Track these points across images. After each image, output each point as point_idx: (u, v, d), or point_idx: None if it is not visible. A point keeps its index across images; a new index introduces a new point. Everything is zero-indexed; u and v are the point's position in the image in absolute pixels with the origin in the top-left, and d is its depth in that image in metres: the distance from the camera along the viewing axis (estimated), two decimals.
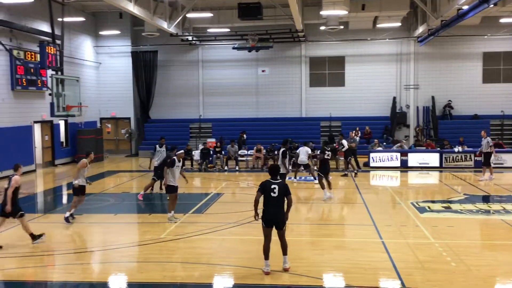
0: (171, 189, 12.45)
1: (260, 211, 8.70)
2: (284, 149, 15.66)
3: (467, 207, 13.90)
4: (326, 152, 15.84)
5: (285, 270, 8.67)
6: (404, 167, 22.32)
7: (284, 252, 8.75)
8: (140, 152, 29.19)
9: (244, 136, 26.73)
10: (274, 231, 8.65)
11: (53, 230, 12.18)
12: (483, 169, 18.93)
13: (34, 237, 10.66)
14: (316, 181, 16.65)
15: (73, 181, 12.86)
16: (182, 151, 13.29)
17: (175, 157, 12.51)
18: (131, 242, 11.03)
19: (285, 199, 8.67)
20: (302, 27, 25.40)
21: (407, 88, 29.17)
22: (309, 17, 26.44)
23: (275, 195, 8.54)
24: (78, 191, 12.71)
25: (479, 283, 8.18)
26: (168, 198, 12.87)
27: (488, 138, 18.90)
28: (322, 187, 15.41)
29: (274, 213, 8.57)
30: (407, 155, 22.68)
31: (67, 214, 12.59)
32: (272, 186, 8.57)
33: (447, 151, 22.43)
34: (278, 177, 8.81)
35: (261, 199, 8.66)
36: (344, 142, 20.32)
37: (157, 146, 16.78)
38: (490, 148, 18.58)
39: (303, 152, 18.33)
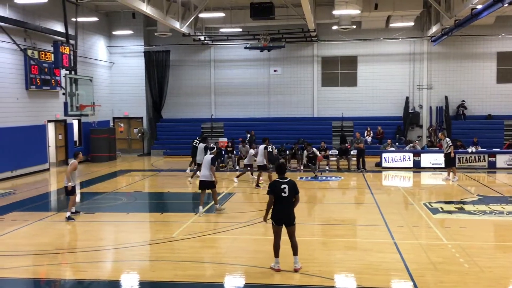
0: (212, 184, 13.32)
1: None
2: (264, 145, 17.71)
3: (481, 208, 13.78)
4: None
5: (296, 270, 8.64)
6: (417, 167, 22.18)
7: (295, 252, 8.74)
8: (152, 151, 29.34)
9: (249, 134, 26.61)
10: (284, 231, 8.66)
11: (66, 228, 12.30)
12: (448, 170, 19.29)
13: None
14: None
15: (65, 183, 13.08)
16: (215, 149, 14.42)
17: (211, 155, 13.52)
18: (143, 240, 11.10)
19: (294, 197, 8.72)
20: (314, 26, 25.35)
21: (420, 88, 28.98)
22: (322, 16, 26.36)
23: (286, 194, 8.54)
24: (71, 192, 12.98)
25: (492, 284, 8.11)
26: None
27: (447, 139, 19.22)
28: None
29: (285, 212, 8.58)
30: (419, 156, 22.53)
31: (68, 214, 12.82)
32: (282, 186, 8.57)
33: (461, 152, 22.24)
34: (286, 176, 8.82)
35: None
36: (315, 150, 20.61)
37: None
38: (450, 149, 18.78)
39: (260, 153, 17.85)
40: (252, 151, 18.72)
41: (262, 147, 17.89)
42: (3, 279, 8.64)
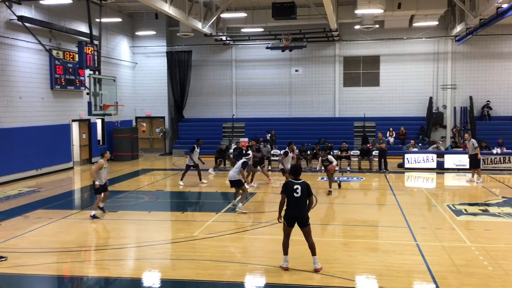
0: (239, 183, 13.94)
1: (282, 212, 8.83)
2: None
3: (506, 210, 13.52)
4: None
5: (316, 270, 8.62)
6: (440, 168, 21.88)
7: (313, 252, 8.71)
8: (174, 150, 29.56)
9: (269, 134, 26.61)
10: (298, 231, 8.65)
11: (89, 226, 12.47)
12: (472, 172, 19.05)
13: None
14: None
15: (93, 182, 13.27)
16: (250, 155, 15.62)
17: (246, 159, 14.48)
18: (164, 239, 11.19)
19: (308, 199, 8.77)
20: (336, 26, 25.22)
21: (444, 88, 28.58)
22: (344, 16, 26.21)
23: (298, 195, 8.58)
24: (99, 190, 13.10)
25: None
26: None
27: (473, 140, 18.92)
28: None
29: (297, 213, 8.62)
30: (443, 157, 22.23)
31: (93, 212, 12.94)
32: (295, 187, 8.61)
33: (485, 153, 21.85)
34: (300, 177, 8.86)
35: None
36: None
37: (195, 146, 18.34)
38: (476, 150, 18.49)
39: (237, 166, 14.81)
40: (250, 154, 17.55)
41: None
42: (28, 275, 8.80)
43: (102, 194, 13.26)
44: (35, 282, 8.63)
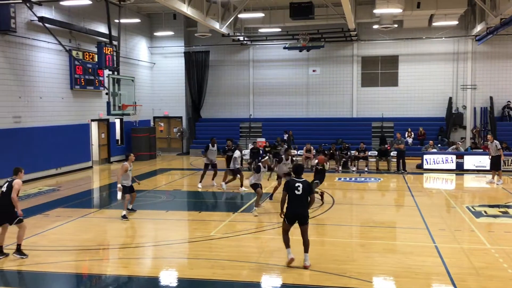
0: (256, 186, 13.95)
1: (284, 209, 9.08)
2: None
3: None
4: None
5: (305, 267, 8.79)
6: (460, 169, 21.61)
7: (306, 249, 8.93)
8: (191, 150, 29.70)
9: (287, 135, 26.56)
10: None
11: (108, 224, 12.60)
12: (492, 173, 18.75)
13: (19, 250, 9.60)
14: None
15: (117, 185, 13.29)
16: (267, 158, 15.33)
17: (260, 164, 14.29)
18: (181, 238, 11.25)
19: (309, 197, 8.97)
20: (354, 26, 25.07)
21: (464, 88, 28.22)
22: (362, 16, 26.04)
23: (299, 193, 8.83)
24: (125, 191, 13.07)
25: None
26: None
27: (496, 141, 18.57)
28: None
29: (297, 210, 8.86)
30: (463, 158, 21.95)
31: (123, 212, 12.95)
32: (297, 185, 8.86)
33: (506, 154, 21.50)
34: (302, 176, 9.10)
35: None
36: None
37: (210, 145, 17.89)
38: (499, 151, 18.21)
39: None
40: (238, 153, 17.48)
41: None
42: (48, 273, 8.92)
43: (129, 195, 13.23)
44: (55, 279, 8.74)
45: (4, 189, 9.54)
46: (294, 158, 17.13)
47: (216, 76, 30.99)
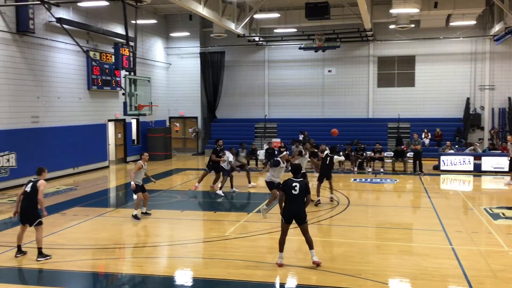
0: (272, 185, 13.19)
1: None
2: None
3: None
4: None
5: (315, 263, 8.81)
6: (478, 171, 21.34)
7: (311, 247, 8.95)
8: (206, 150, 29.77)
9: (303, 135, 26.46)
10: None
11: (124, 224, 12.70)
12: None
13: (41, 253, 9.58)
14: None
15: (130, 183, 13.30)
16: (286, 153, 14.86)
17: (279, 158, 13.49)
18: (197, 238, 11.30)
19: (305, 197, 9.01)
20: (370, 26, 24.93)
21: (482, 88, 27.88)
22: (378, 15, 25.88)
23: (296, 192, 8.88)
24: (137, 190, 13.02)
25: None
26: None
27: None
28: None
29: (294, 210, 8.89)
30: (480, 159, 21.67)
31: (134, 212, 12.97)
32: (294, 184, 8.92)
33: None
34: (300, 176, 9.18)
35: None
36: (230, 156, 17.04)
37: (240, 149, 18.29)
38: None
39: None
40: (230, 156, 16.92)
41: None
42: (65, 271, 9.03)
43: (141, 194, 13.12)
44: (72, 278, 8.83)
45: (28, 189, 9.59)
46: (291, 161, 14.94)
47: (232, 76, 31.05)
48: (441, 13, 24.90)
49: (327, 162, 14.80)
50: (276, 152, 23.45)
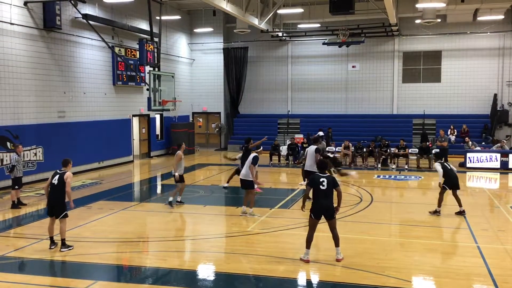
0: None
1: (308, 204, 9.22)
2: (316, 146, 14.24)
3: None
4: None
5: (338, 260, 8.89)
6: (505, 168, 20.93)
7: (337, 244, 8.98)
8: (229, 146, 29.89)
9: (322, 132, 26.29)
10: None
11: (148, 218, 12.86)
12: None
13: (64, 244, 9.77)
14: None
15: (172, 172, 13.94)
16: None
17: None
18: (219, 233, 11.37)
19: (334, 191, 9.00)
20: (396, 20, 24.59)
21: (509, 84, 27.27)
22: (404, 10, 25.52)
23: (324, 188, 8.89)
24: (180, 181, 13.76)
25: None
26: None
27: None
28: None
29: (323, 205, 8.88)
30: (507, 156, 21.25)
31: (170, 198, 13.60)
32: (321, 180, 8.93)
33: None
34: (327, 172, 9.27)
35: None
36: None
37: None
38: None
39: (310, 156, 14.22)
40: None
41: (312, 148, 14.33)
42: (89, 264, 9.17)
43: (181, 184, 13.81)
44: (96, 270, 8.97)
45: (55, 181, 9.75)
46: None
47: (255, 72, 31.05)
48: (468, 8, 24.43)
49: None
50: (298, 148, 23.43)
